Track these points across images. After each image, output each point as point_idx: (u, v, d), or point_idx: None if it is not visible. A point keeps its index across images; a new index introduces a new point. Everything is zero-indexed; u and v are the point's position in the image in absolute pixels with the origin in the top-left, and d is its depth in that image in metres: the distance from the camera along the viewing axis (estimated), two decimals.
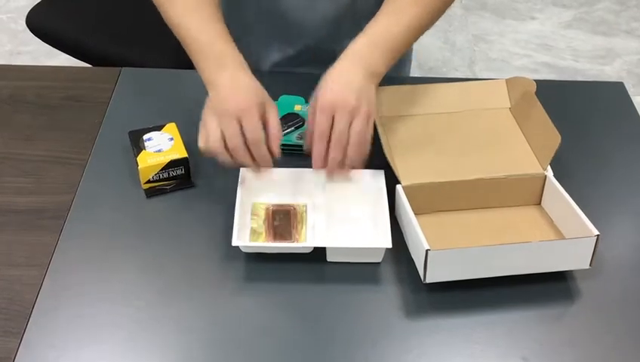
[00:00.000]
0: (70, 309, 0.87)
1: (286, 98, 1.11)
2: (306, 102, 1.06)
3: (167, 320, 0.86)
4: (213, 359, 0.83)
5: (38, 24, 1.79)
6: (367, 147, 0.94)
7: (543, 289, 0.90)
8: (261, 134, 0.92)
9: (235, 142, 0.91)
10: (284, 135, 1.01)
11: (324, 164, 0.94)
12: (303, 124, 1.05)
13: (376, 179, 0.98)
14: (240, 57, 0.97)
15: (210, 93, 0.96)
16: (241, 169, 0.98)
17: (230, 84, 0.94)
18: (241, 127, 0.91)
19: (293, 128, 1.05)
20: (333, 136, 0.92)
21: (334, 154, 0.93)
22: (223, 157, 0.93)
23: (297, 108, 1.08)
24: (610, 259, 0.94)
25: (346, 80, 0.94)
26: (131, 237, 0.96)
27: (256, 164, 0.94)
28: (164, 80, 1.24)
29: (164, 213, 0.99)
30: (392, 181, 0.97)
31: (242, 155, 0.92)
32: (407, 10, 1.00)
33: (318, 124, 0.92)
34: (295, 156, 1.05)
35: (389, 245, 0.90)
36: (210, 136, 0.93)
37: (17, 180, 1.04)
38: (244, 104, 0.91)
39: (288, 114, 1.07)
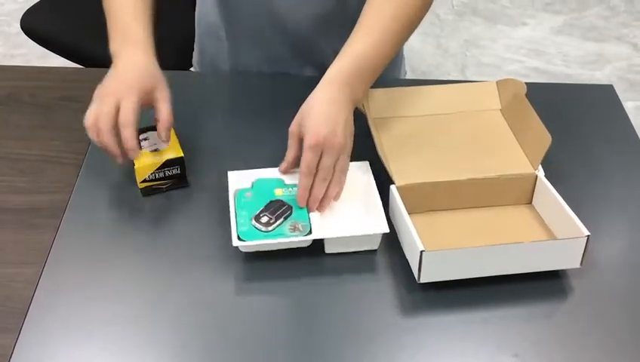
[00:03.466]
0: (66, 307, 0.88)
1: (262, 182, 0.99)
2: (285, 184, 0.97)
3: (163, 319, 0.87)
4: (210, 357, 0.84)
5: (33, 27, 1.80)
6: (345, 178, 0.96)
7: (534, 288, 0.92)
8: (131, 118, 0.93)
9: (102, 121, 0.92)
10: (276, 228, 0.92)
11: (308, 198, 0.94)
12: (291, 213, 0.94)
13: (362, 171, 1.00)
14: (146, 37, 1.01)
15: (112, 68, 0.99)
16: (229, 173, 0.99)
17: (122, 65, 0.97)
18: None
19: (282, 219, 0.93)
20: (320, 174, 0.93)
21: (318, 190, 0.94)
22: (91, 134, 0.94)
23: (278, 193, 0.97)
24: (601, 258, 0.95)
25: (335, 116, 0.92)
26: (127, 236, 0.96)
27: (120, 152, 0.94)
28: None
29: (159, 212, 1.00)
30: (386, 181, 0.98)
31: (106, 138, 0.93)
32: (386, 27, 0.98)
33: (307, 162, 0.91)
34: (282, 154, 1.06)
35: (387, 230, 0.91)
36: (88, 113, 0.95)
37: (14, 180, 1.04)
38: (124, 86, 0.94)
39: (272, 202, 0.96)
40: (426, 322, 0.88)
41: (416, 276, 0.89)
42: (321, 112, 0.92)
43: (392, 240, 0.95)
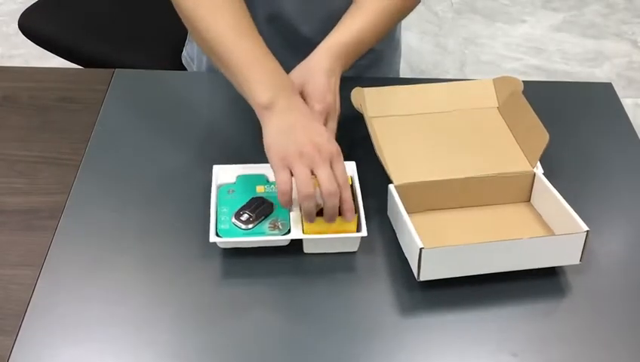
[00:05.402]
0: (64, 308, 0.88)
1: (245, 178, 0.99)
2: (267, 181, 0.98)
3: (160, 319, 0.87)
4: (207, 357, 0.84)
5: (31, 27, 1.79)
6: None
7: (533, 285, 0.91)
8: (347, 177, 0.91)
9: (330, 184, 0.87)
10: (256, 226, 0.93)
11: None
12: (272, 211, 0.94)
13: (348, 171, 0.99)
14: (283, 72, 0.96)
15: (270, 124, 0.91)
16: (214, 167, 0.99)
17: (295, 117, 0.91)
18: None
19: (263, 217, 0.93)
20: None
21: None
22: (309, 202, 0.87)
23: (260, 190, 0.97)
24: (600, 255, 0.95)
25: (334, 87, 0.99)
26: (124, 236, 0.96)
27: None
28: (157, 81, 1.24)
29: (157, 212, 1.00)
30: (384, 180, 0.97)
31: (336, 201, 0.88)
32: (385, 9, 1.06)
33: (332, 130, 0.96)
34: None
35: (365, 233, 0.91)
36: (302, 180, 0.87)
37: (11, 181, 1.04)
38: (334, 146, 0.89)
39: (253, 199, 0.95)
40: (425, 321, 0.88)
41: (415, 274, 0.89)
42: (324, 82, 0.97)
43: (392, 242, 0.95)
